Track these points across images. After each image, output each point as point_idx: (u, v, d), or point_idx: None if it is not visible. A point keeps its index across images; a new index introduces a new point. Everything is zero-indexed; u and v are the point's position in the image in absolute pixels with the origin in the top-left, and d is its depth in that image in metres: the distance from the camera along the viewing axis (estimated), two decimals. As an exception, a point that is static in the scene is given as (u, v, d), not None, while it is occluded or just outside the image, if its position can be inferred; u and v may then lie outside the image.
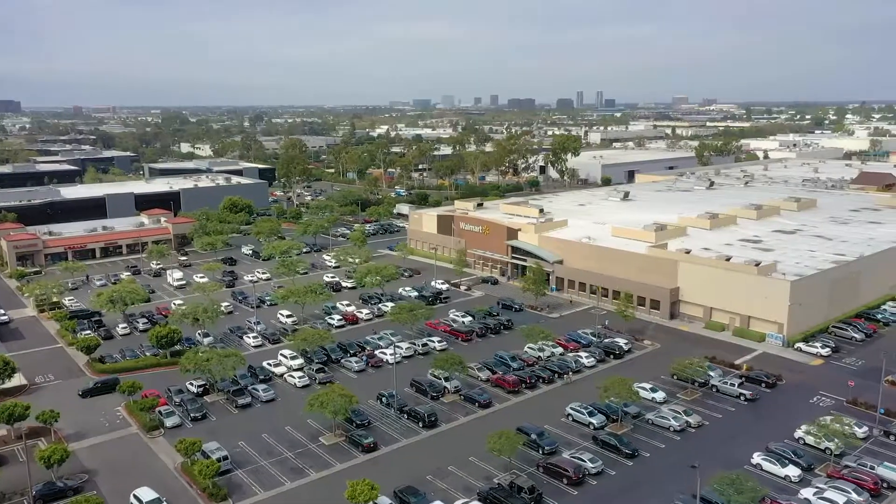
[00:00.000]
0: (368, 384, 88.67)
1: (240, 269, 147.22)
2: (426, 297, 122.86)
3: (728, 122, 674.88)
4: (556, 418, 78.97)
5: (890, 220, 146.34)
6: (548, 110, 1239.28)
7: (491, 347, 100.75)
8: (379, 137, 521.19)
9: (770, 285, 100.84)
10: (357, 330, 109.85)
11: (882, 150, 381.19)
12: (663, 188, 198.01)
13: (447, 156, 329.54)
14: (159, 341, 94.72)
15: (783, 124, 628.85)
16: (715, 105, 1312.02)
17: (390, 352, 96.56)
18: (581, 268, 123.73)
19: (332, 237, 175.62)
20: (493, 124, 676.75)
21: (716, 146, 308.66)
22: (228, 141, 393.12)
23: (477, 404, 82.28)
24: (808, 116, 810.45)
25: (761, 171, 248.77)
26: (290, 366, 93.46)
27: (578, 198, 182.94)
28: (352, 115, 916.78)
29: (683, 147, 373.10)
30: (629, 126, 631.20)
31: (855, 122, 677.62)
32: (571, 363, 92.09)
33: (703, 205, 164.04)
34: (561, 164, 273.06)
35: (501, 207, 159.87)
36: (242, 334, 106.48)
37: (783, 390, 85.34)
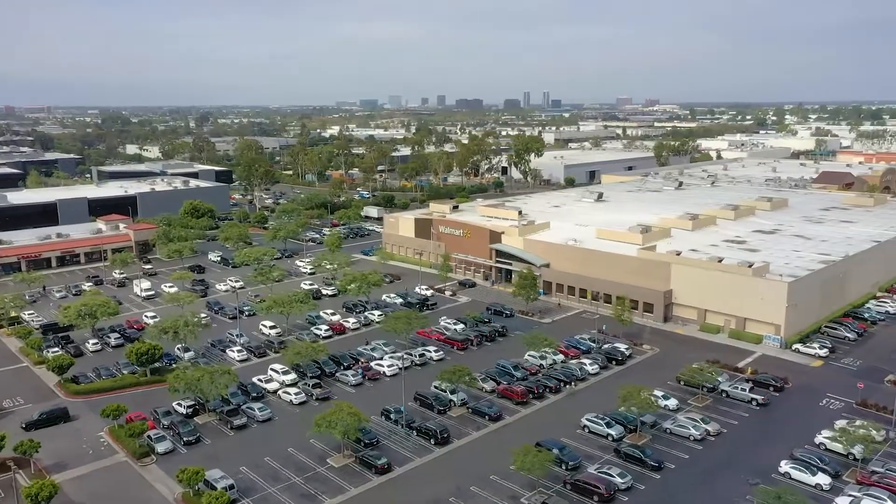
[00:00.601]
0: (368, 399, 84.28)
1: (210, 278, 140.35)
2: (412, 304, 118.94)
3: (675, 123, 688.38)
4: (571, 430, 76.25)
5: (861, 218, 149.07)
6: (496, 111, 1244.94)
7: (488, 356, 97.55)
8: (331, 138, 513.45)
9: (767, 287, 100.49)
10: (345, 341, 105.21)
11: (826, 150, 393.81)
12: (633, 189, 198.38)
13: (407, 157, 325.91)
14: (139, 358, 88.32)
15: (727, 125, 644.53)
16: (658, 106, 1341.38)
17: (387, 363, 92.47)
18: (569, 271, 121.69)
19: (303, 242, 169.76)
20: (445, 124, 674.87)
21: (673, 146, 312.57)
22: (178, 142, 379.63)
23: (487, 417, 78.95)
24: (749, 117, 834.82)
25: (721, 170, 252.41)
26: (282, 381, 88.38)
27: (551, 199, 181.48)
28: (300, 116, 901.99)
29: (640, 147, 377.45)
30: (580, 126, 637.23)
31: (793, 122, 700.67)
32: (576, 371, 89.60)
33: (676, 205, 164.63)
34: (524, 165, 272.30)
35: (479, 210, 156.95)
36: (225, 348, 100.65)
37: (791, 393, 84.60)
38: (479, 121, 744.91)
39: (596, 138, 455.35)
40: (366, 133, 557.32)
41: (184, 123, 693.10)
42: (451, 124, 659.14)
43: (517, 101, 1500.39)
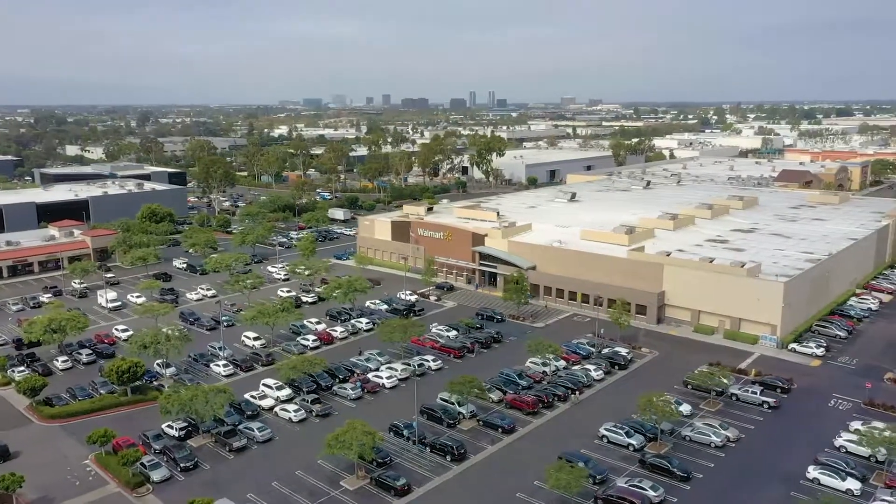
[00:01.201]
0: (370, 414, 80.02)
1: (177, 286, 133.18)
2: (399, 311, 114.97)
3: (622, 122, 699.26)
4: (588, 441, 73.81)
5: (830, 216, 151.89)
6: (442, 110, 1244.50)
7: (487, 364, 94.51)
8: (280, 138, 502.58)
9: (763, 287, 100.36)
10: (334, 351, 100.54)
11: (773, 148, 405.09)
12: (602, 188, 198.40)
13: (363, 157, 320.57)
14: (120, 377, 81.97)
15: (672, 124, 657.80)
16: (601, 105, 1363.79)
17: (386, 375, 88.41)
18: (557, 273, 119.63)
19: (272, 247, 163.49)
20: (395, 124, 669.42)
21: (630, 146, 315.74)
22: (124, 143, 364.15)
23: (500, 430, 75.85)
24: (691, 116, 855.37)
25: (682, 169, 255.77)
26: (277, 397, 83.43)
27: (524, 199, 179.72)
28: (245, 115, 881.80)
29: (595, 146, 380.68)
30: (530, 126, 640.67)
31: (735, 121, 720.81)
32: (582, 377, 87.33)
33: (649, 205, 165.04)
34: (486, 165, 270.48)
35: (455, 212, 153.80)
36: (208, 362, 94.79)
37: (798, 395, 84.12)
38: (428, 120, 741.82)
39: (551, 137, 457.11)
40: (315, 133, 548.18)
41: (124, 123, 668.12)
42: (401, 124, 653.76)
43: (463, 100, 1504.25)
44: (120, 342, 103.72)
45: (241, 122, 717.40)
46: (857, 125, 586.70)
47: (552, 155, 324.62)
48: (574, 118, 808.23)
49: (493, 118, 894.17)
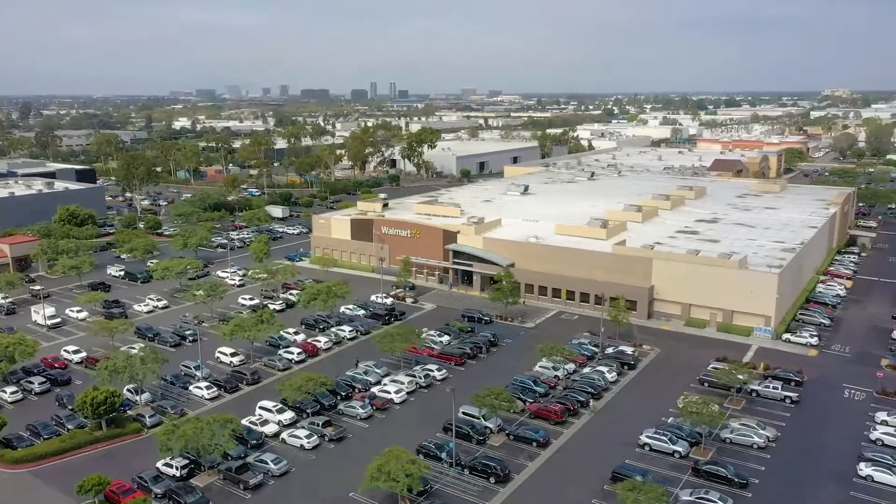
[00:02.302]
0: (388, 434, 73.50)
1: (119, 297, 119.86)
2: (379, 315, 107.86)
3: (529, 113, 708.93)
4: (629, 450, 70.22)
5: (779, 204, 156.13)
6: (344, 101, 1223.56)
7: (490, 370, 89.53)
8: (183, 131, 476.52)
9: (756, 278, 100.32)
10: (321, 364, 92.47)
11: (682, 138, 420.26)
12: (548, 180, 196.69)
13: (283, 150, 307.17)
14: (95, 409, 71.18)
15: (579, 115, 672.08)
16: (502, 96, 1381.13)
17: (394, 389, 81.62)
18: (538, 270, 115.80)
19: (212, 249, 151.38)
20: (301, 115, 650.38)
21: (556, 137, 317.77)
22: (15, 138, 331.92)
23: (534, 444, 71.05)
24: (591, 107, 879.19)
25: (611, 160, 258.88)
26: (279, 421, 75.07)
27: (476, 193, 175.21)
28: (138, 106, 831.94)
29: (518, 137, 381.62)
30: (441, 117, 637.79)
31: (635, 111, 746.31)
32: (599, 380, 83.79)
33: (602, 196, 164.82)
34: (417, 158, 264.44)
35: (414, 208, 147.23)
36: (185, 384, 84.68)
37: (811, 387, 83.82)
38: (336, 112, 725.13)
39: (471, 129, 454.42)
40: (220, 125, 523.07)
41: (3, 116, 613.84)
42: (309, 115, 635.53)
43: (364, 91, 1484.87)
44: (72, 365, 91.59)
45: (135, 114, 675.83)
46: (749, 115, 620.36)
47: (479, 147, 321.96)
48: (482, 109, 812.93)
49: (400, 109, 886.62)
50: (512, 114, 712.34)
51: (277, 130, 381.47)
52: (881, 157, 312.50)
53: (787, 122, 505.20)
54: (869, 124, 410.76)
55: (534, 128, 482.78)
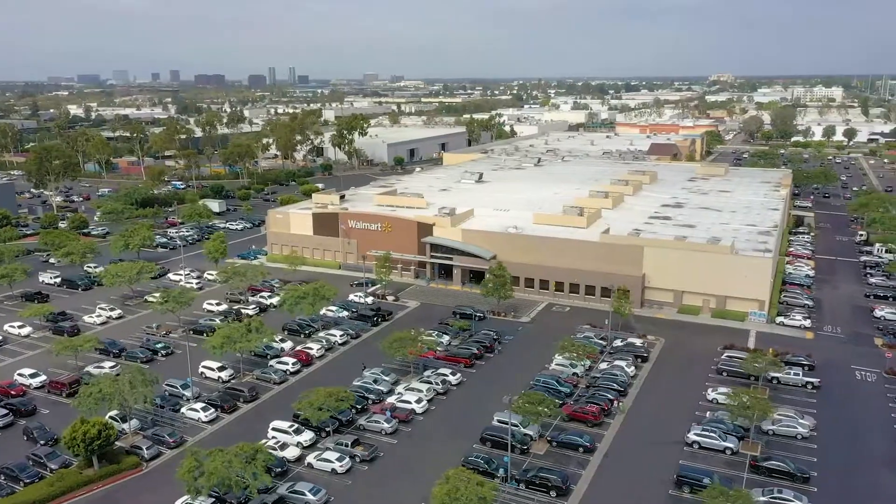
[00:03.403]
0: (423, 450, 67.90)
1: (60, 307, 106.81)
2: (367, 317, 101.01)
3: (440, 98, 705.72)
4: (677, 449, 67.55)
5: (731, 187, 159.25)
6: (242, 87, 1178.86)
7: (502, 370, 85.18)
8: (72, 118, 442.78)
9: (750, 263, 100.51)
10: (320, 373, 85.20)
11: (597, 123, 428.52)
12: (496, 167, 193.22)
13: (198, 139, 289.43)
14: (88, 446, 61.51)
15: (490, 100, 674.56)
16: (404, 81, 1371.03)
17: (413, 398, 75.67)
18: (522, 262, 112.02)
19: (152, 249, 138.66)
20: (204, 101, 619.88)
21: (483, 122, 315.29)
22: None
23: (581, 450, 67.25)
24: (497, 92, 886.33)
25: (544, 145, 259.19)
26: (298, 443, 67.73)
27: (432, 181, 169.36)
28: (17, 94, 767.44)
29: (441, 123, 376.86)
30: (353, 103, 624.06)
31: (542, 96, 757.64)
32: (621, 376, 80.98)
33: (557, 182, 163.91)
34: (348, 146, 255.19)
35: (375, 199, 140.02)
36: (176, 406, 75.41)
37: (822, 371, 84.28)
38: (241, 97, 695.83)
39: (394, 114, 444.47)
40: (115, 112, 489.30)
41: None
42: (212, 101, 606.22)
43: (262, 76, 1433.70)
44: (31, 391, 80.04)
45: (15, 100, 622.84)
46: (651, 99, 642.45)
47: (406, 133, 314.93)
48: (392, 94, 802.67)
49: (304, 95, 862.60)
50: (423, 99, 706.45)
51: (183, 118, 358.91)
52: (787, 139, 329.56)
53: (690, 106, 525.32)
54: (771, 107, 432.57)
55: (447, 113, 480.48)
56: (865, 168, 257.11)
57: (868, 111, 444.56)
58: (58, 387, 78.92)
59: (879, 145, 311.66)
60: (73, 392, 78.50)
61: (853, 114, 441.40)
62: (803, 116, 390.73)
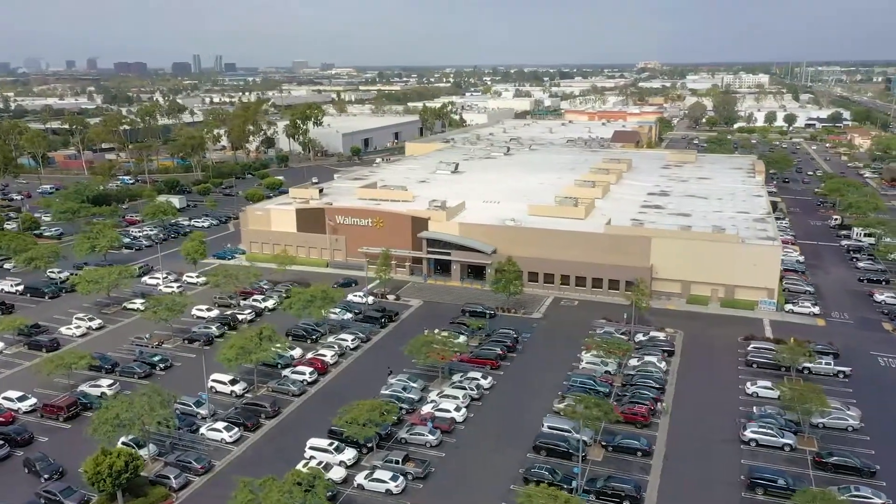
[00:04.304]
0: (473, 463, 63.88)
1: (29, 318, 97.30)
2: (374, 318, 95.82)
3: (378, 87, 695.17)
4: (734, 447, 65.76)
5: (707, 174, 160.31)
6: (169, 75, 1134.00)
7: (530, 370, 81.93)
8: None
9: (759, 252, 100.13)
10: (340, 383, 79.92)
11: (543, 110, 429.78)
12: (466, 157, 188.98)
13: (137, 131, 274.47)
14: (116, 479, 54.80)
15: (430, 88, 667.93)
16: (335, 69, 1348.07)
17: (452, 407, 71.42)
18: (524, 255, 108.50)
19: (116, 250, 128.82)
20: (133, 90, 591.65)
21: (436, 111, 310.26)
22: None
23: (638, 454, 64.62)
24: (432, 79, 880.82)
25: (503, 133, 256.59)
26: (341, 462, 62.56)
27: (408, 172, 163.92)
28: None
29: (389, 112, 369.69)
30: (290, 92, 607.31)
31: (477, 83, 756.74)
32: (656, 373, 78.80)
33: (534, 171, 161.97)
34: (303, 136, 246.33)
35: (357, 193, 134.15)
36: (191, 426, 68.84)
37: (848, 359, 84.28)
38: (172, 87, 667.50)
39: (341, 103, 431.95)
40: (36, 103, 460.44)
41: None
42: (142, 90, 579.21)
43: (187, 64, 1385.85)
44: (21, 416, 71.85)
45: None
46: (589, 86, 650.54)
47: (359, 123, 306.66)
48: (329, 82, 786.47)
49: (235, 83, 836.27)
50: (360, 87, 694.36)
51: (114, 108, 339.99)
52: (731, 125, 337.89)
53: (628, 93, 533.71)
54: (711, 94, 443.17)
55: (387, 101, 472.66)
56: (811, 152, 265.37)
57: (799, 97, 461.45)
58: (53, 411, 71.00)
59: (817, 130, 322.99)
60: (71, 416, 71.12)
61: (786, 100, 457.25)
62: (742, 103, 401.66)
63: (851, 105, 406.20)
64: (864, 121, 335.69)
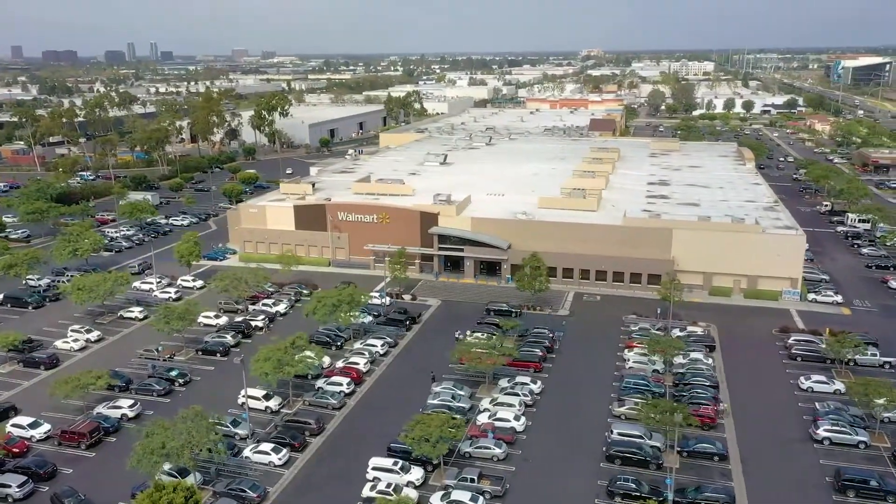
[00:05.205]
0: (545, 477, 60.23)
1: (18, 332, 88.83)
2: (398, 321, 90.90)
3: (329, 75, 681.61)
4: (806, 447, 63.85)
5: (694, 162, 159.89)
6: (103, 64, 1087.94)
7: (574, 372, 78.61)
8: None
9: (784, 241, 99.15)
10: (373, 393, 75.04)
11: (502, 98, 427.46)
12: (449, 147, 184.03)
13: (84, 123, 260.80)
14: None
15: (383, 76, 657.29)
16: (277, 58, 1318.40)
17: (510, 415, 67.49)
18: (542, 250, 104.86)
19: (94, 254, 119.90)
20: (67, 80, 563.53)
21: (401, 100, 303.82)
22: None
23: (715, 458, 61.99)
24: (379, 68, 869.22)
25: (473, 123, 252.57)
26: (408, 483, 57.96)
27: (397, 165, 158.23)
28: None
29: (349, 101, 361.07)
30: (239, 81, 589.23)
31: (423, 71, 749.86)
32: (707, 370, 76.59)
33: (525, 161, 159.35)
34: (269, 127, 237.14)
35: (354, 187, 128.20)
36: (232, 448, 62.88)
37: (885, 349, 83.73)
38: (110, 76, 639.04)
39: (296, 93, 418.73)
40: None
41: None
42: (80, 80, 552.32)
43: (121, 52, 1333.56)
44: (34, 445, 64.71)
45: None
46: (540, 74, 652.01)
47: (321, 113, 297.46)
48: (278, 71, 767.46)
49: (177, 72, 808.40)
50: (309, 76, 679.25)
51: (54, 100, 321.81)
52: (690, 112, 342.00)
53: (582, 80, 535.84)
54: (668, 82, 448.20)
55: (346, 91, 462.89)
56: (773, 139, 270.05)
57: (748, 84, 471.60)
58: (74, 438, 64.03)
59: (774, 116, 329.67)
60: (94, 443, 64.29)
61: (738, 87, 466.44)
62: (698, 90, 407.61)
63: (803, 92, 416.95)
64: (817, 107, 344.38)
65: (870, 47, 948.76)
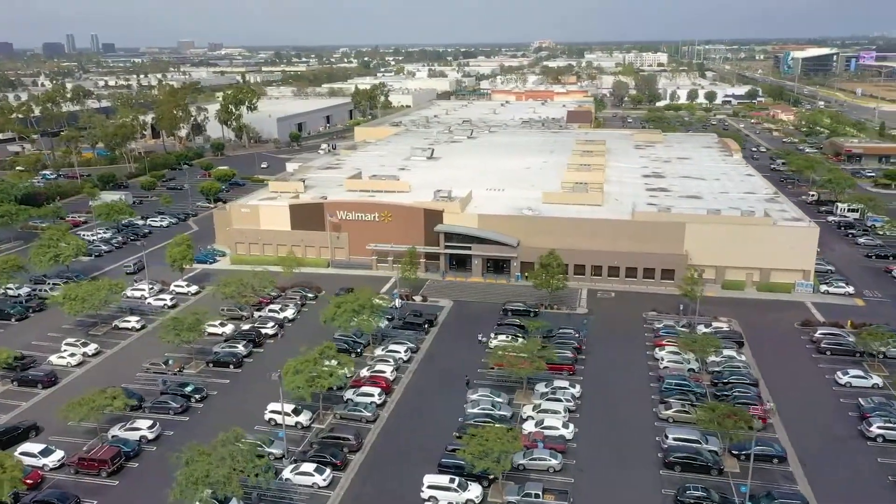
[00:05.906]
0: (606, 487, 57.73)
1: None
2: (415, 325, 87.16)
3: (282, 67, 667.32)
4: (861, 445, 62.83)
5: (683, 154, 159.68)
6: (42, 57, 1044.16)
7: (604, 374, 76.33)
8: None
9: (797, 234, 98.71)
10: (404, 403, 71.36)
11: (465, 90, 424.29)
12: (433, 142, 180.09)
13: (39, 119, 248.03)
14: (234, 556, 44.75)
15: (336, 68, 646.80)
16: (224, 49, 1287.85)
17: (559, 423, 64.70)
18: (552, 246, 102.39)
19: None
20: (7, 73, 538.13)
21: (368, 92, 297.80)
22: None
23: (774, 461, 60.38)
24: (332, 60, 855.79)
25: (446, 116, 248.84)
26: (467, 502, 54.66)
27: (384, 160, 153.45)
28: None
29: (312, 94, 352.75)
30: (191, 74, 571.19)
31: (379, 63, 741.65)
32: (743, 368, 75.22)
33: (508, 155, 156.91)
34: (237, 122, 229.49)
35: (347, 184, 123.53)
36: (273, 470, 58.40)
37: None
38: (57, 69, 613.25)
39: (261, 85, 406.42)
40: None
41: None
42: (22, 74, 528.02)
43: (60, 44, 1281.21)
44: (48, 474, 59.14)
45: None
46: (497, 66, 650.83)
47: (287, 106, 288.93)
48: (232, 63, 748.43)
49: (123, 65, 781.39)
50: (263, 69, 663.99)
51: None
52: (654, 103, 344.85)
53: (543, 71, 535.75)
54: (627, 72, 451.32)
55: (305, 83, 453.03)
56: (740, 129, 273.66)
57: (705, 75, 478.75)
58: (93, 465, 58.66)
59: (735, 106, 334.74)
60: (116, 470, 59.05)
61: (696, 78, 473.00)
62: (659, 81, 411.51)
63: (759, 83, 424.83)
64: (777, 97, 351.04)
65: (811, 38, 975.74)
